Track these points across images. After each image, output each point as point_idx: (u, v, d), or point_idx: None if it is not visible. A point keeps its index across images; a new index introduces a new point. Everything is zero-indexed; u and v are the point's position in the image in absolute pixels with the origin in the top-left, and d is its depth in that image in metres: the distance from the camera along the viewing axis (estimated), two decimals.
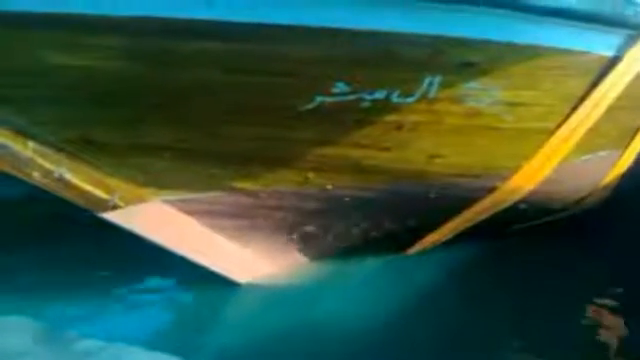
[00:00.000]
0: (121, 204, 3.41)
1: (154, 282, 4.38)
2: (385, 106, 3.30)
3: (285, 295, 4.00)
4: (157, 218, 3.55)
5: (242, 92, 3.12)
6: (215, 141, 3.35)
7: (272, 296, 3.99)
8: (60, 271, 4.34)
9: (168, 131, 3.24)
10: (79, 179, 3.22)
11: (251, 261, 3.99)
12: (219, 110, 3.19)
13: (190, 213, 3.65)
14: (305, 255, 4.25)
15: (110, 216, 3.40)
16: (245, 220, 3.80)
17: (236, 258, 3.92)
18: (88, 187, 3.28)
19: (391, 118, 3.39)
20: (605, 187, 4.90)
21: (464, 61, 3.24)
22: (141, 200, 3.47)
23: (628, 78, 3.94)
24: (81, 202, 3.32)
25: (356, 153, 3.58)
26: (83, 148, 3.15)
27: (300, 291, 4.03)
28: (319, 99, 3.18)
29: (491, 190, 4.14)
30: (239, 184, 3.60)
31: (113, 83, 2.88)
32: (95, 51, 2.74)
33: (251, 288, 4.00)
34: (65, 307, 3.86)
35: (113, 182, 3.34)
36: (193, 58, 2.89)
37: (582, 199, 4.81)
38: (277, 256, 4.08)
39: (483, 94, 3.46)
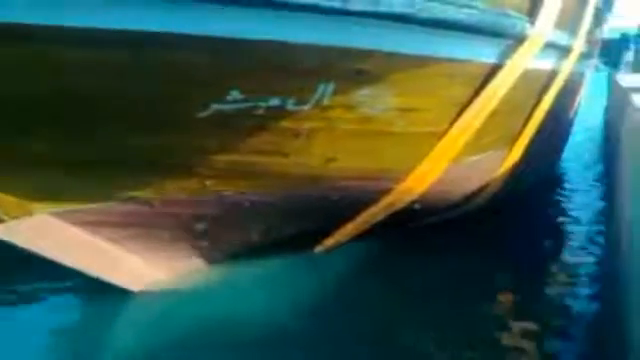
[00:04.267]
0: (4, 217, 3.21)
1: (44, 296, 4.16)
2: (281, 113, 3.34)
3: (184, 300, 3.93)
4: (44, 231, 3.37)
5: (136, 100, 3.04)
6: (108, 151, 3.24)
7: (170, 303, 3.91)
8: None
9: (56, 142, 3.09)
10: None
11: (147, 269, 3.90)
12: (112, 119, 3.09)
13: (80, 225, 3.50)
14: (204, 260, 4.21)
15: None
16: (139, 229, 3.70)
17: (130, 267, 3.82)
18: None
19: (287, 125, 3.44)
20: (494, 185, 5.22)
21: (356, 70, 3.34)
22: (27, 213, 3.29)
23: (509, 84, 4.24)
24: None
25: (254, 160, 3.59)
26: None
27: (199, 296, 3.98)
28: (214, 107, 3.17)
29: (387, 191, 4.30)
30: (133, 194, 3.50)
31: None
32: None
33: (148, 296, 3.91)
34: None
35: None
36: (85, 67, 2.78)
37: (473, 197, 5.09)
38: (174, 263, 4.01)
39: (375, 101, 3.59)
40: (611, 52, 12.37)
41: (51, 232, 3.40)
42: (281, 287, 4.19)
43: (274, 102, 3.25)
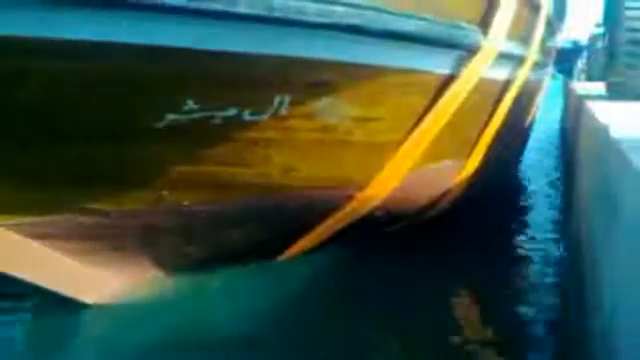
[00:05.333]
0: None
1: None
2: (238, 124, 3.35)
3: (143, 312, 3.87)
4: None
5: (90, 111, 3.02)
6: (60, 162, 3.19)
7: (129, 314, 3.85)
8: None
9: (10, 153, 3.03)
10: None
11: (104, 281, 3.84)
12: (67, 130, 3.06)
13: (36, 237, 3.44)
14: (164, 270, 4.16)
15: None
16: (96, 241, 3.65)
17: (87, 279, 3.75)
18: None
19: (245, 135, 3.45)
20: (454, 192, 5.32)
21: (312, 81, 3.39)
22: None
23: (464, 93, 4.34)
24: None
25: (211, 170, 3.59)
26: None
27: (158, 307, 3.93)
28: (170, 117, 3.16)
29: (348, 199, 4.34)
30: (88, 205, 3.45)
31: None
32: None
33: (106, 309, 3.83)
34: None
35: None
36: (37, 78, 2.75)
37: (433, 205, 5.18)
38: (133, 274, 3.96)
39: (333, 111, 3.63)
40: (565, 61, 12.82)
41: (4, 245, 3.33)
42: (243, 297, 4.18)
43: (231, 112, 3.26)
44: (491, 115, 5.27)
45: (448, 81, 4.18)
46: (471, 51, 4.22)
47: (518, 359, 3.50)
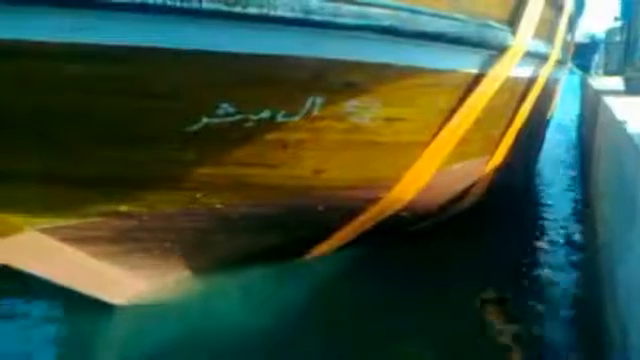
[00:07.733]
0: None
1: (27, 311, 4.11)
2: (270, 125, 3.35)
3: (173, 312, 3.93)
4: (30, 247, 3.32)
5: (125, 115, 3.02)
6: (97, 166, 3.20)
7: (158, 315, 3.90)
8: None
9: (42, 158, 3.06)
10: None
11: (134, 282, 3.89)
12: (101, 134, 3.07)
13: (69, 241, 3.47)
14: (193, 271, 4.21)
15: None
16: (128, 244, 3.68)
17: (117, 281, 3.80)
18: None
19: (277, 137, 3.45)
20: (478, 190, 5.33)
21: (344, 81, 3.38)
22: (13, 231, 3.25)
23: (491, 92, 4.33)
24: None
25: (244, 172, 3.60)
26: None
27: (187, 307, 3.97)
28: (205, 120, 3.17)
29: (375, 200, 4.35)
30: (122, 208, 3.47)
31: None
32: None
33: (135, 309, 3.89)
34: None
35: None
36: (73, 82, 2.76)
37: (457, 203, 5.18)
38: (163, 275, 4.01)
39: (363, 111, 3.63)
40: (582, 55, 12.71)
41: (37, 248, 3.35)
42: (269, 298, 4.21)
43: (265, 114, 3.26)
44: (515, 112, 5.25)
45: (477, 80, 4.16)
46: (500, 50, 4.20)
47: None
